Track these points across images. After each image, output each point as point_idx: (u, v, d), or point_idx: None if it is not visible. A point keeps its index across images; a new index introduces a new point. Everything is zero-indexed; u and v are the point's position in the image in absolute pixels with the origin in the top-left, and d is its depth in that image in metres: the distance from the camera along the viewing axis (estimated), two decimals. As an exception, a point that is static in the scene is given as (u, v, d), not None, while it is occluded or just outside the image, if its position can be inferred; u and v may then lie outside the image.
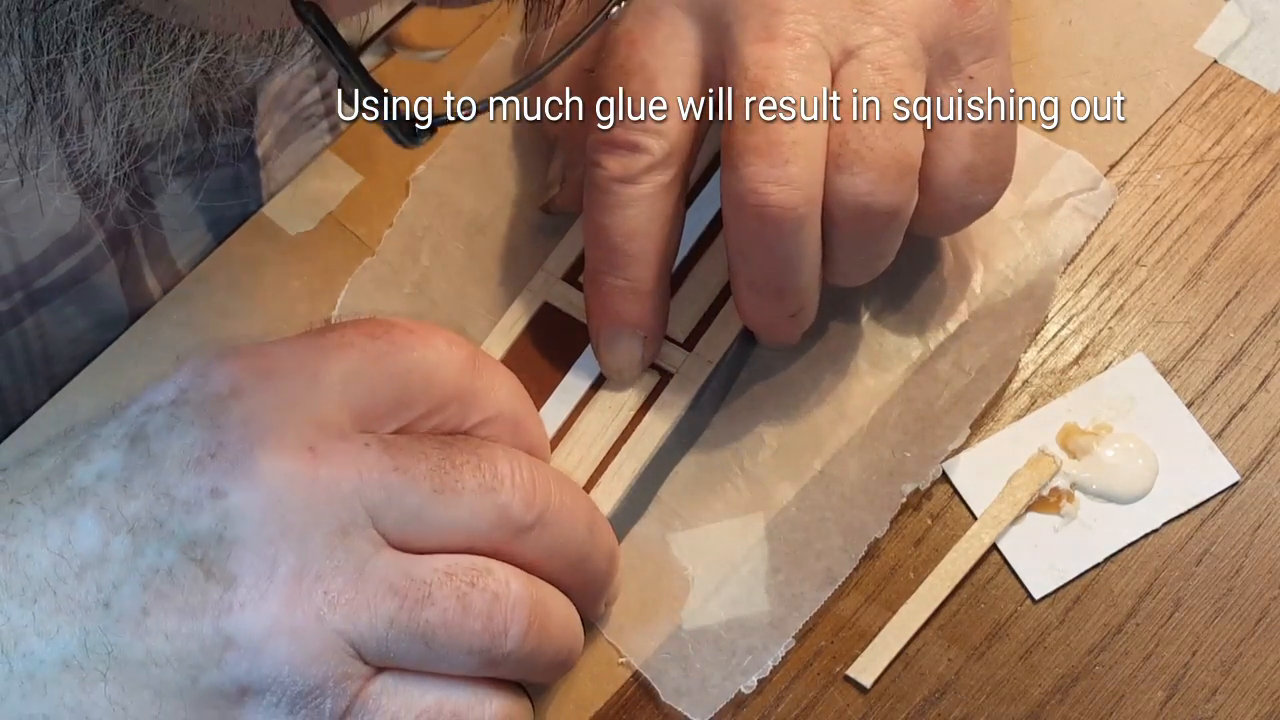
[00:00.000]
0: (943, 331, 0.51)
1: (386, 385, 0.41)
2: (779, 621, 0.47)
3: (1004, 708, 0.46)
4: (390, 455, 0.40)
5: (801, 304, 0.47)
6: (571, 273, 0.51)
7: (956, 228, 0.49)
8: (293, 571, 0.38)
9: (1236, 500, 0.49)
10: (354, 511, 0.39)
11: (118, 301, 0.53)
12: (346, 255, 0.53)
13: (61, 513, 0.38)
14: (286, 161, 0.55)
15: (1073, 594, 0.48)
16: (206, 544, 0.38)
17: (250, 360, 0.40)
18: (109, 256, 0.51)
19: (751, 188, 0.43)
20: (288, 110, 0.54)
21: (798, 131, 0.43)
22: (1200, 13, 0.56)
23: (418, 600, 0.39)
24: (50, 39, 0.34)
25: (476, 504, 0.41)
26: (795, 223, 0.44)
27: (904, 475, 0.49)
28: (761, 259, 0.45)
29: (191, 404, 0.39)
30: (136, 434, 0.39)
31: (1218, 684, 0.46)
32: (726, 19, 0.45)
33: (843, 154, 0.44)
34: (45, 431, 0.50)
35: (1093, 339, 0.51)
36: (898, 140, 0.44)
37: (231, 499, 0.38)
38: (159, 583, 0.38)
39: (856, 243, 0.46)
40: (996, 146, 0.46)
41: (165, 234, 0.53)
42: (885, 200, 0.44)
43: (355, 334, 0.41)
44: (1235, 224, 0.53)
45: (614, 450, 0.48)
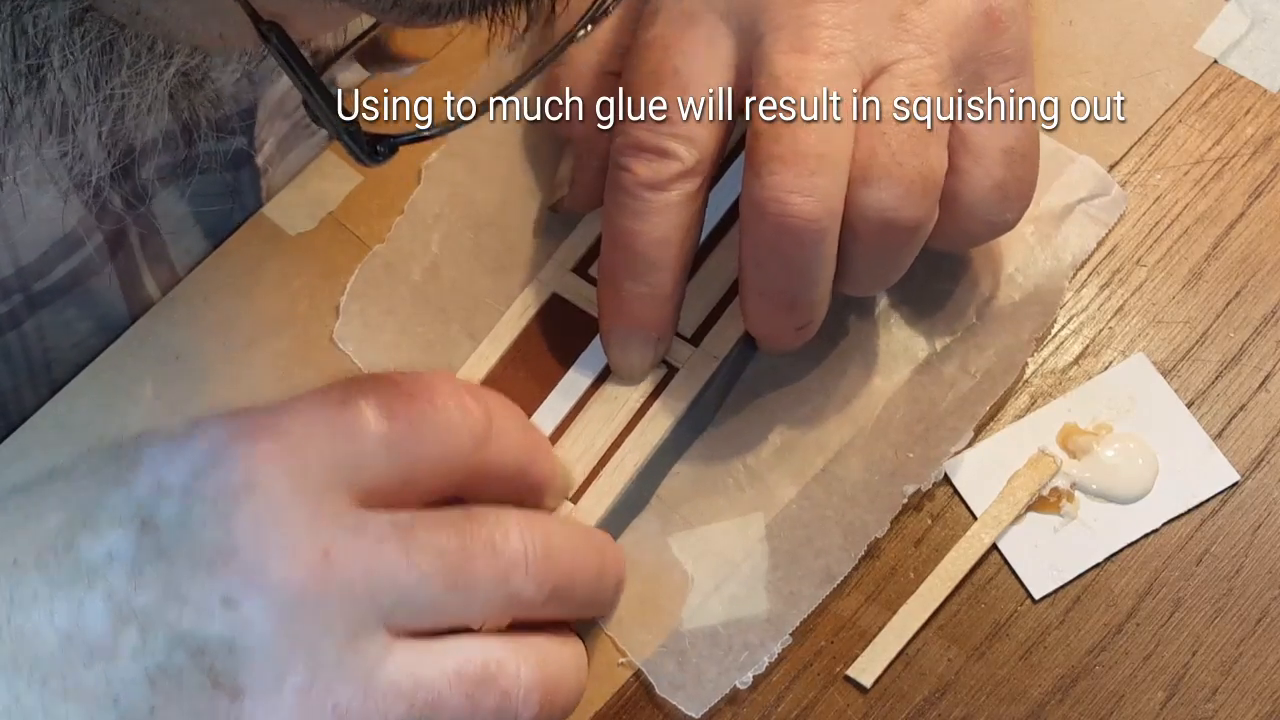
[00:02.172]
0: (949, 334, 0.51)
1: (402, 468, 0.40)
2: (776, 619, 0.47)
3: (1004, 708, 0.47)
4: (404, 549, 0.39)
5: (811, 317, 0.47)
6: (581, 265, 0.51)
7: (977, 244, 0.50)
8: (302, 685, 0.38)
9: (1236, 500, 0.49)
10: (365, 614, 0.39)
11: (118, 305, 0.52)
12: (346, 255, 0.53)
13: (69, 590, 0.37)
14: (287, 169, 0.55)
15: (1073, 594, 0.48)
16: (216, 653, 0.37)
17: (265, 444, 0.39)
18: (108, 259, 0.51)
19: (775, 196, 0.43)
20: (288, 118, 0.54)
21: (825, 143, 0.43)
22: (1200, 13, 0.56)
23: (427, 704, 0.39)
24: (27, 44, 0.34)
25: (490, 593, 0.40)
26: (817, 235, 0.44)
27: (906, 476, 0.49)
28: (777, 268, 0.45)
29: (205, 498, 0.38)
30: (147, 519, 0.38)
31: (1218, 684, 0.46)
32: (760, 30, 0.45)
33: (870, 167, 0.44)
34: (45, 432, 0.50)
35: (1093, 339, 0.51)
36: (925, 156, 0.44)
37: (243, 609, 0.37)
38: (167, 685, 0.37)
39: (875, 256, 0.46)
40: (1025, 165, 0.47)
41: (164, 238, 0.53)
42: (909, 215, 0.44)
43: (373, 410, 0.40)
44: (1235, 224, 0.53)
45: (617, 443, 0.48)
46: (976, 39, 0.45)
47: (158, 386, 0.51)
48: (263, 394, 0.51)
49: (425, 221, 0.53)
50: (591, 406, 0.49)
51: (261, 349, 0.52)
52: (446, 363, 0.50)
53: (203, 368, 0.51)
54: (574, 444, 0.48)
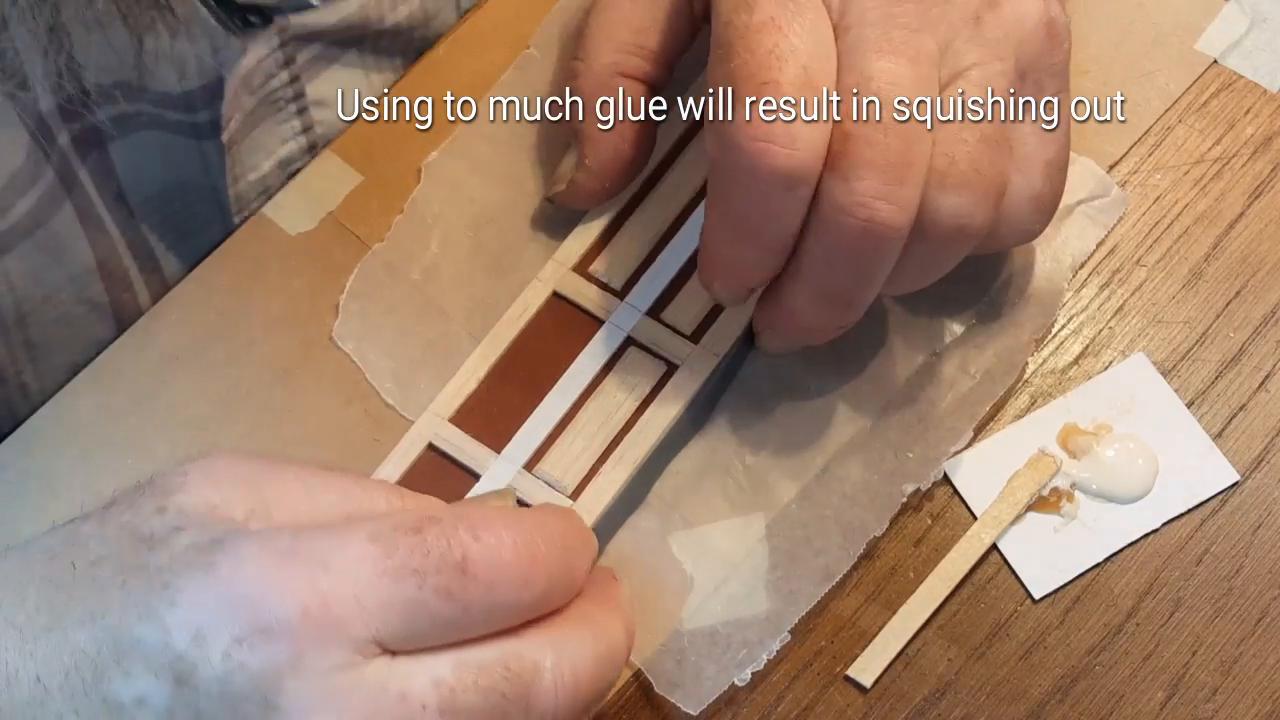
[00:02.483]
0: (949, 334, 0.51)
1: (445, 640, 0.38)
2: (775, 617, 0.47)
3: (1004, 708, 0.47)
4: None
5: (859, 315, 0.47)
6: (582, 264, 0.51)
7: (998, 250, 0.49)
8: None
9: (1236, 500, 0.49)
10: None
11: (82, 251, 0.52)
12: (346, 255, 0.53)
13: None
14: (254, 145, 0.55)
15: (1073, 594, 0.48)
16: None
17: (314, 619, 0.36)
18: (65, 196, 0.50)
19: (862, 202, 0.42)
20: (254, 94, 0.53)
21: (912, 151, 0.42)
22: (1200, 13, 0.56)
23: None
24: None
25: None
26: (896, 242, 0.43)
27: (905, 475, 0.49)
28: (847, 270, 0.44)
29: (248, 671, 0.36)
30: (183, 676, 0.36)
31: (1218, 684, 0.46)
32: (849, 21, 0.44)
33: (949, 174, 0.43)
34: (45, 432, 0.50)
35: (1093, 339, 0.51)
36: (1000, 165, 0.44)
37: None
38: None
39: (935, 260, 0.45)
40: (1060, 178, 0.46)
41: (121, 183, 0.52)
42: (981, 222, 0.44)
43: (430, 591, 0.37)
44: (1235, 224, 0.53)
45: (616, 441, 0.48)
46: (1039, 49, 0.45)
47: (158, 387, 0.51)
48: (263, 394, 0.51)
49: (425, 221, 0.53)
50: (591, 403, 0.49)
51: (261, 349, 0.52)
52: (447, 362, 0.50)
53: (203, 368, 0.51)
54: (573, 442, 0.48)
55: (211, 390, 0.51)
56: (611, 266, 0.51)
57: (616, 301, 0.50)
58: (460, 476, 0.48)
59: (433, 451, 0.48)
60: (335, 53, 0.56)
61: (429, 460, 0.48)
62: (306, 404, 0.51)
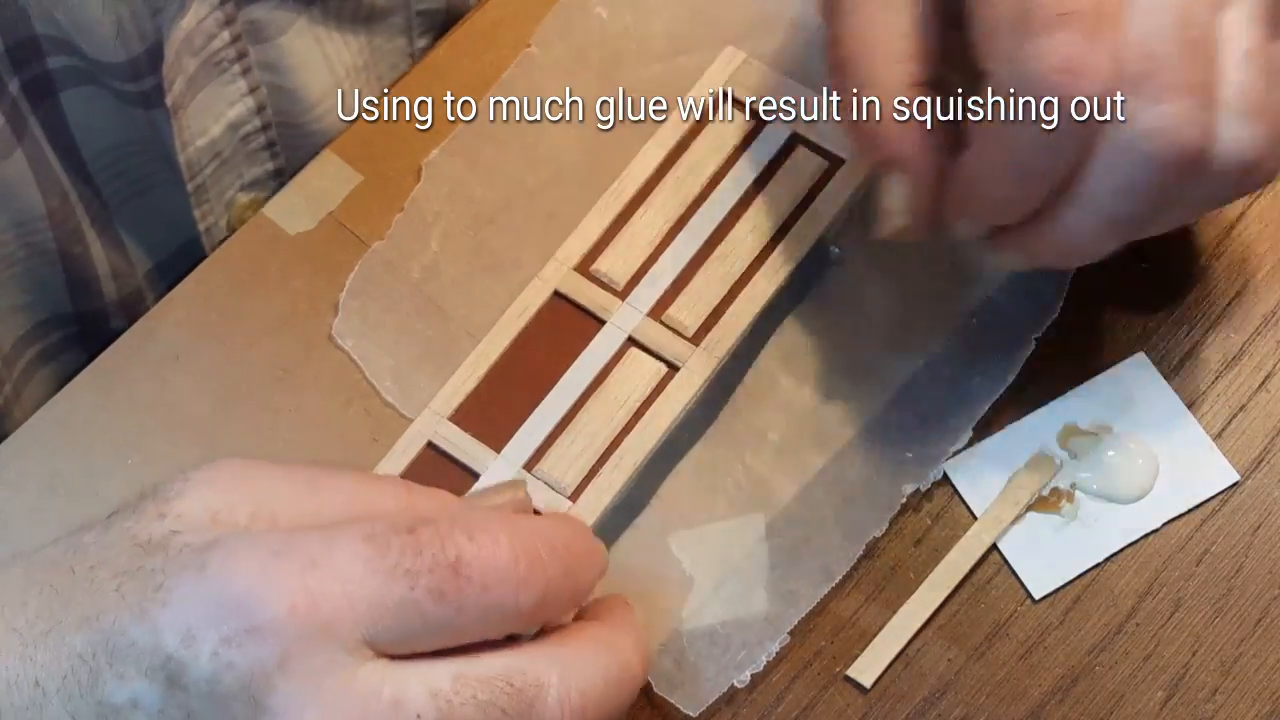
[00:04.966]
0: (949, 332, 0.51)
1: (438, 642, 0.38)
2: (775, 618, 0.47)
3: (1004, 708, 0.47)
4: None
5: None
6: (583, 263, 0.51)
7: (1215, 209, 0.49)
8: None
9: (1236, 500, 0.49)
10: None
11: (32, 199, 0.52)
12: (346, 254, 0.53)
13: None
14: (201, 108, 0.54)
15: (1073, 594, 0.48)
16: None
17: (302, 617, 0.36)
18: (16, 144, 0.50)
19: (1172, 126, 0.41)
20: (196, 55, 0.53)
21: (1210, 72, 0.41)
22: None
23: None
24: None
25: None
26: (1203, 166, 0.42)
27: (905, 476, 0.49)
28: (1148, 198, 0.42)
29: (236, 669, 0.36)
30: (173, 676, 0.36)
31: (1218, 684, 0.46)
32: None
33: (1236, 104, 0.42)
34: (45, 432, 0.50)
35: (1093, 339, 0.51)
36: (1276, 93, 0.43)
37: None
38: None
39: (1212, 195, 0.44)
40: None
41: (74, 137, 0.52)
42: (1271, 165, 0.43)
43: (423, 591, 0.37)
44: (1235, 224, 0.53)
45: (617, 441, 0.48)
46: None
47: (158, 386, 0.51)
48: (263, 394, 0.51)
49: (425, 219, 0.53)
50: (592, 405, 0.49)
51: (261, 349, 0.52)
52: (447, 361, 0.50)
53: (203, 368, 0.51)
54: (573, 442, 0.48)
55: (211, 390, 0.51)
56: (613, 266, 0.51)
57: (617, 302, 0.50)
58: (459, 476, 0.48)
59: (432, 450, 0.48)
60: (287, 17, 0.55)
61: (428, 459, 0.48)
62: (306, 404, 0.51)
